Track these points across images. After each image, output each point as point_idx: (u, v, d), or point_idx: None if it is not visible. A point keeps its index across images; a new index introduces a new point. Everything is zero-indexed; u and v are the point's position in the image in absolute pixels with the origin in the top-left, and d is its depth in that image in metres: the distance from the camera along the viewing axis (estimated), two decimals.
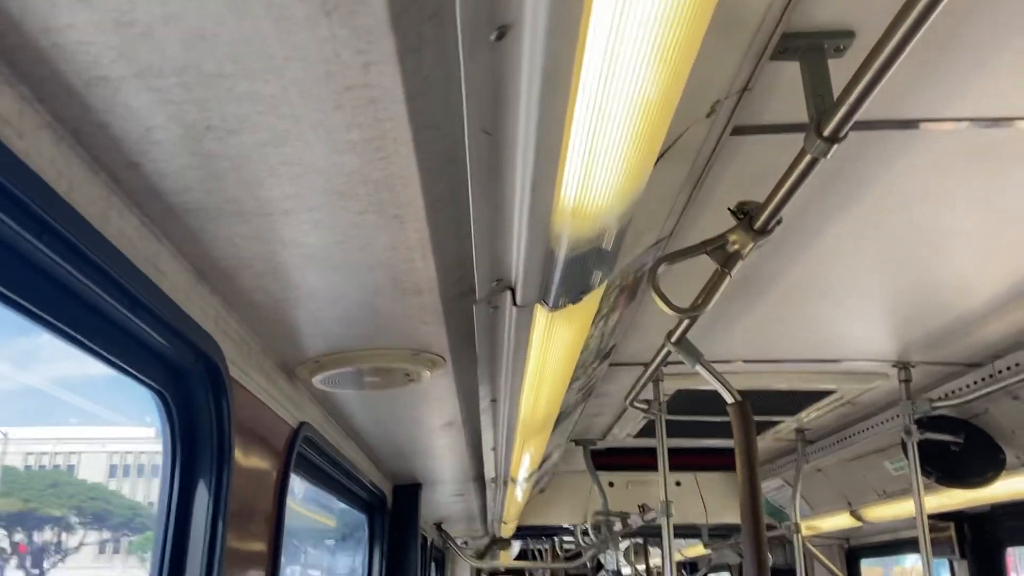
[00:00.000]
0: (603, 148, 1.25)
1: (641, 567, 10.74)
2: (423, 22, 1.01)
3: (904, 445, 3.98)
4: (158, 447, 1.78)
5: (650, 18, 0.98)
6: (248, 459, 2.09)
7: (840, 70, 1.62)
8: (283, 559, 2.43)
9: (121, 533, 4.95)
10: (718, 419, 4.95)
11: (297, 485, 3.38)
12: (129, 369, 1.59)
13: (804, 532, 5.55)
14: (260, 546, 2.26)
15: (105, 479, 5.35)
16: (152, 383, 1.69)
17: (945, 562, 5.53)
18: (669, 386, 4.10)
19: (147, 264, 1.44)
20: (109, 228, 1.30)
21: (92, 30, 0.98)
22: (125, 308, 1.41)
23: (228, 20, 0.97)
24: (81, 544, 4.56)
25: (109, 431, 5.28)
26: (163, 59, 1.03)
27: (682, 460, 5.93)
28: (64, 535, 4.45)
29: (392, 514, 4.62)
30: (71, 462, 5.05)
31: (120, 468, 5.43)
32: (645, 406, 4.04)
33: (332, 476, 3.45)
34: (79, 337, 1.40)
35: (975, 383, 3.79)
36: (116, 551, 4.87)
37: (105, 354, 1.49)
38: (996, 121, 1.98)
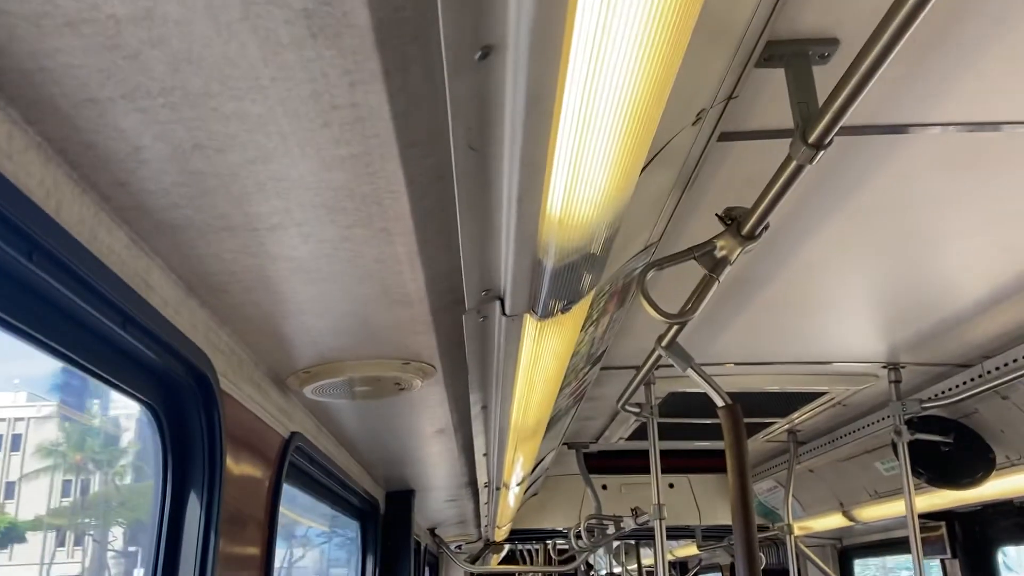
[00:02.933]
0: (588, 160, 1.26)
1: (632, 567, 10.76)
2: (408, 42, 1.02)
3: (895, 446, 4.00)
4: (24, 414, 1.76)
5: (632, 33, 0.99)
6: (240, 470, 2.09)
7: (825, 77, 1.63)
8: (276, 564, 2.43)
9: None
10: (710, 421, 4.96)
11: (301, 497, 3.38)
12: (120, 384, 1.59)
13: (796, 532, 5.57)
14: (253, 555, 2.27)
15: None
16: (144, 398, 1.70)
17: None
18: (661, 389, 4.12)
19: (137, 280, 1.45)
20: (98, 245, 1.31)
21: (80, 53, 0.98)
22: (116, 324, 1.41)
23: (214, 42, 0.97)
24: None
25: None
26: (150, 80, 1.04)
27: (675, 462, 5.94)
28: None
29: (385, 521, 4.62)
30: None
31: None
32: (637, 409, 4.06)
33: (324, 485, 3.45)
34: (70, 355, 1.41)
35: (964, 383, 3.82)
36: None
37: (96, 370, 1.50)
38: (982, 125, 2.00)
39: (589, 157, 1.25)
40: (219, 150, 1.19)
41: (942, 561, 5.45)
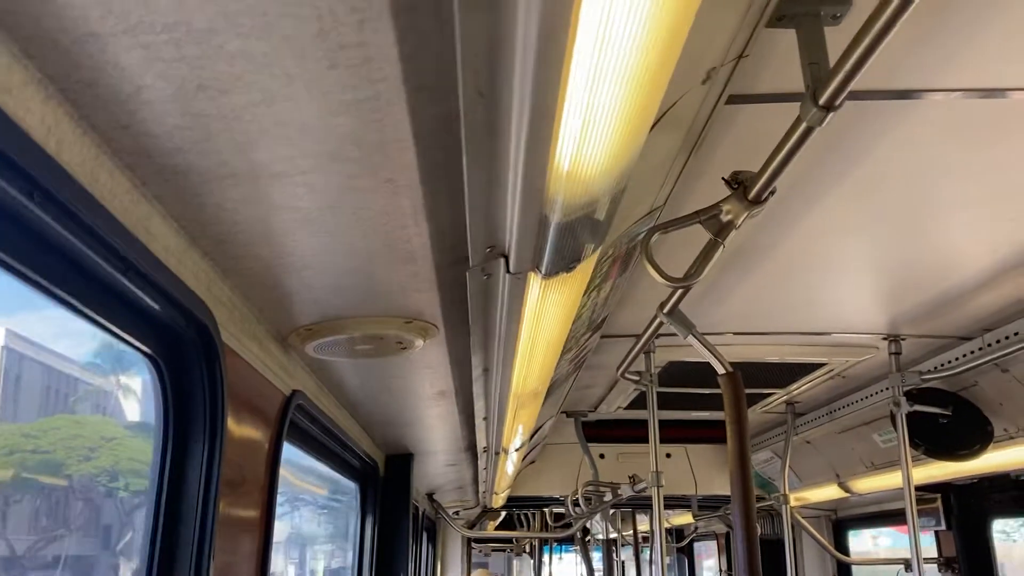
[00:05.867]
0: (599, 110, 1.24)
1: (628, 533, 10.87)
2: None
3: (893, 417, 4.01)
4: None
5: None
6: (240, 425, 2.09)
7: (836, 38, 1.61)
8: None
9: None
10: (708, 391, 4.98)
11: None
12: (121, 334, 1.58)
13: (792, 503, 5.61)
14: (253, 512, 2.27)
15: None
16: (145, 348, 1.69)
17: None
18: (660, 358, 4.12)
19: (138, 227, 1.43)
20: (99, 188, 1.29)
21: None
22: (117, 271, 1.40)
23: None
24: None
25: None
26: (153, 15, 1.02)
27: (672, 432, 5.97)
28: None
29: (384, 484, 4.64)
30: None
31: None
32: (636, 377, 4.06)
33: (325, 445, 3.45)
34: (73, 301, 1.39)
35: (964, 356, 3.82)
36: None
37: (97, 318, 1.48)
38: (991, 91, 1.98)
39: (600, 107, 1.23)
40: (223, 91, 1.17)
41: (936, 533, 5.49)
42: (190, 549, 1.74)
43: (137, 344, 1.65)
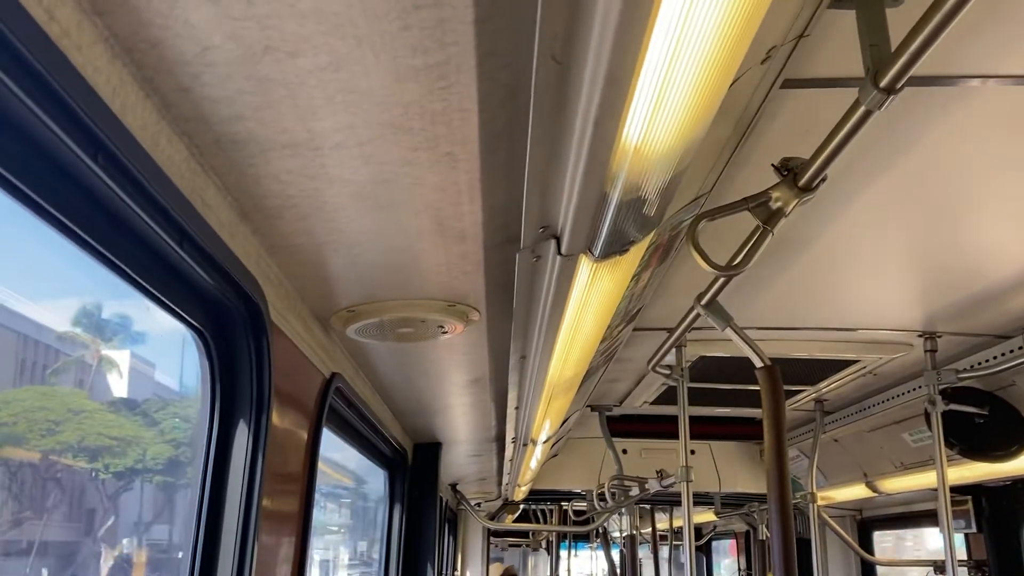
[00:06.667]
0: (674, 84, 1.20)
1: (647, 531, 10.84)
2: None
3: (928, 416, 3.95)
4: None
5: None
6: (283, 406, 2.07)
7: (897, 20, 1.57)
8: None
9: None
10: (736, 387, 4.94)
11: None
12: (171, 304, 1.56)
13: (818, 503, 5.55)
14: (294, 493, 2.25)
15: None
16: (193, 321, 1.67)
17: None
18: (691, 352, 4.08)
19: (195, 197, 1.41)
20: (159, 155, 1.27)
21: None
22: (174, 241, 1.38)
23: None
24: None
25: None
26: None
27: (697, 429, 5.92)
28: None
29: (412, 473, 4.63)
30: None
31: None
32: (667, 371, 4.03)
33: (358, 430, 3.44)
34: (127, 269, 1.37)
35: (1003, 355, 3.75)
36: None
37: (148, 287, 1.46)
38: None
39: (676, 79, 1.20)
40: (291, 53, 1.14)
41: (966, 535, 5.42)
42: (234, 532, 1.72)
43: (186, 317, 1.63)
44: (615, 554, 11.75)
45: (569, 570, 13.30)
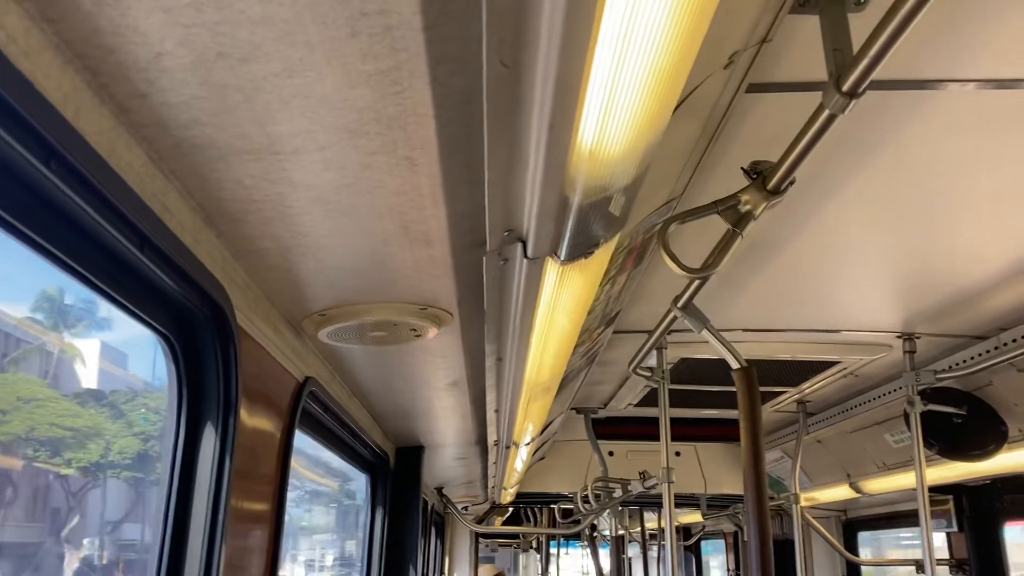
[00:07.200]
0: (624, 87, 1.22)
1: (636, 530, 10.87)
2: None
3: (907, 416, 3.97)
4: None
5: None
6: (253, 409, 2.07)
7: (859, 25, 1.59)
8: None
9: None
10: (718, 389, 4.95)
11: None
12: (136, 310, 1.57)
13: (802, 504, 5.57)
14: (264, 498, 2.26)
15: None
16: (158, 326, 1.67)
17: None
18: (672, 354, 4.09)
19: (155, 201, 1.42)
20: (116, 160, 1.27)
21: None
22: (133, 246, 1.38)
23: None
24: None
25: None
26: None
27: (682, 431, 5.94)
28: None
29: (394, 476, 4.62)
30: None
31: None
32: (648, 373, 4.04)
33: (336, 434, 3.44)
34: (87, 274, 1.38)
35: (980, 355, 3.78)
36: None
37: (112, 293, 1.47)
38: (1010, 83, 1.95)
39: (625, 84, 1.21)
40: (243, 59, 1.15)
41: (947, 534, 5.45)
42: (201, 533, 1.72)
43: (151, 321, 1.64)
44: (606, 553, 11.77)
45: (559, 569, 13.30)
